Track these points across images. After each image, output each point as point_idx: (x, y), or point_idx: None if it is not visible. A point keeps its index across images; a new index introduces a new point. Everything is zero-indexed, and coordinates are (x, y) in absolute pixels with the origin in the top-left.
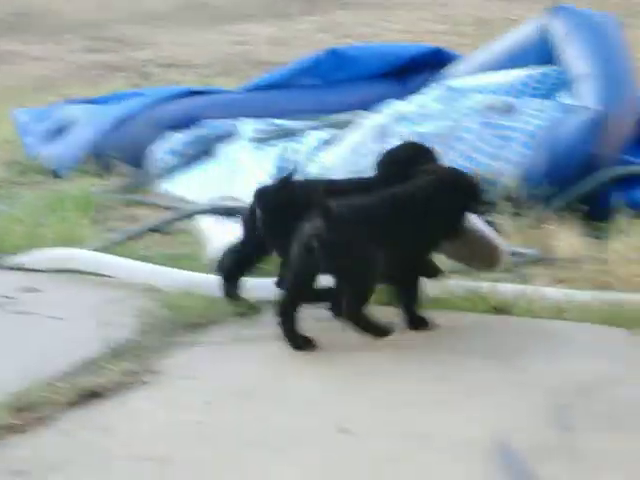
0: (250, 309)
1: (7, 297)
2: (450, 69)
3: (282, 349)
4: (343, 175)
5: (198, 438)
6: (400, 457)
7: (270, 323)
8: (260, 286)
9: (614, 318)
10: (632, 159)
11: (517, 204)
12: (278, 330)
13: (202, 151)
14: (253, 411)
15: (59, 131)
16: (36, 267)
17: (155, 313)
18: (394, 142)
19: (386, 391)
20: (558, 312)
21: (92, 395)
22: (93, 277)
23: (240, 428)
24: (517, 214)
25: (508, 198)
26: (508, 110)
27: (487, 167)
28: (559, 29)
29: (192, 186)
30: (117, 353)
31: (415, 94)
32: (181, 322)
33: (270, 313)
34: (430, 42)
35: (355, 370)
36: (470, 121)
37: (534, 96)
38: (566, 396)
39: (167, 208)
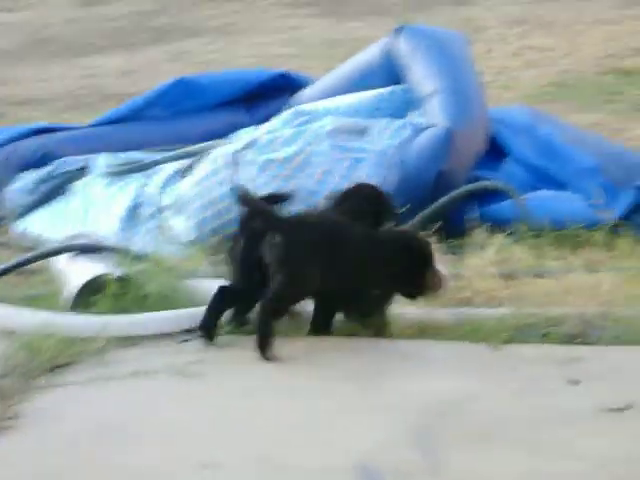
0: (104, 347)
1: None
2: (299, 93)
3: (141, 386)
4: (200, 205)
5: None
6: None
7: (125, 361)
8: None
9: (474, 334)
10: (484, 174)
11: None
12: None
13: (55, 188)
14: (119, 450)
15: None
16: None
17: (14, 356)
18: (247, 169)
19: (247, 422)
20: (419, 331)
21: None
22: None
23: (107, 467)
24: None
25: None
26: (358, 131)
27: (339, 189)
28: (405, 48)
29: (47, 224)
30: None
31: (266, 120)
32: (41, 364)
33: (122, 350)
34: (280, 66)
35: (222, 401)
36: (320, 144)
37: (383, 116)
38: (429, 415)
39: (22, 248)
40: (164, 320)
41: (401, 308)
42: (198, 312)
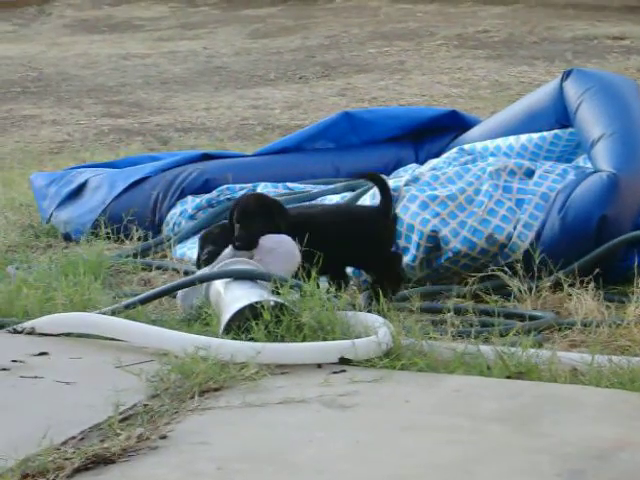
0: (256, 374)
1: (16, 361)
2: (467, 132)
3: (291, 414)
4: None
5: None
6: None
7: (276, 389)
8: None
9: (632, 383)
10: None
11: (531, 267)
12: None
13: (217, 215)
14: (265, 476)
15: (74, 195)
16: (47, 331)
17: (166, 377)
18: (408, 205)
19: (398, 460)
20: (573, 376)
21: (101, 461)
22: (104, 341)
23: None
24: (532, 277)
25: (522, 261)
26: (521, 173)
27: (501, 230)
28: (573, 91)
29: None
30: (127, 418)
31: (431, 157)
32: (192, 387)
33: (272, 377)
34: (447, 105)
35: (372, 436)
36: (484, 184)
37: (548, 159)
38: (580, 461)
39: (180, 272)
40: (318, 350)
41: (557, 352)
42: (355, 344)
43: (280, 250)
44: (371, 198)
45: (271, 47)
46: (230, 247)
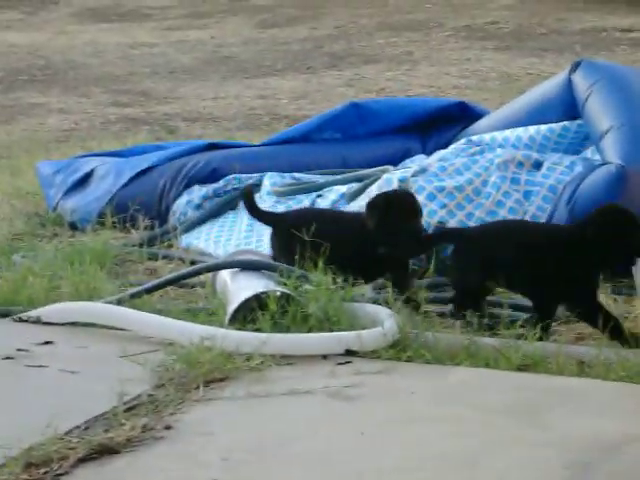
0: (261, 365)
1: (22, 350)
2: (475, 124)
3: (296, 406)
4: None
5: None
6: None
7: (281, 379)
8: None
9: (638, 375)
10: None
11: None
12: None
13: (223, 204)
14: (269, 469)
15: (81, 183)
16: (52, 320)
17: (171, 367)
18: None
19: (401, 451)
20: (580, 369)
21: (105, 450)
22: (109, 330)
23: None
24: None
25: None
26: (529, 165)
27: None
28: (582, 82)
29: (212, 240)
30: (132, 408)
31: (439, 149)
32: (197, 377)
33: (277, 368)
34: (455, 97)
35: (376, 427)
36: (492, 175)
37: (556, 150)
38: (588, 455)
39: (187, 262)
40: (324, 341)
41: (564, 344)
42: (360, 335)
43: None
44: (377, 189)
45: (279, 37)
46: None
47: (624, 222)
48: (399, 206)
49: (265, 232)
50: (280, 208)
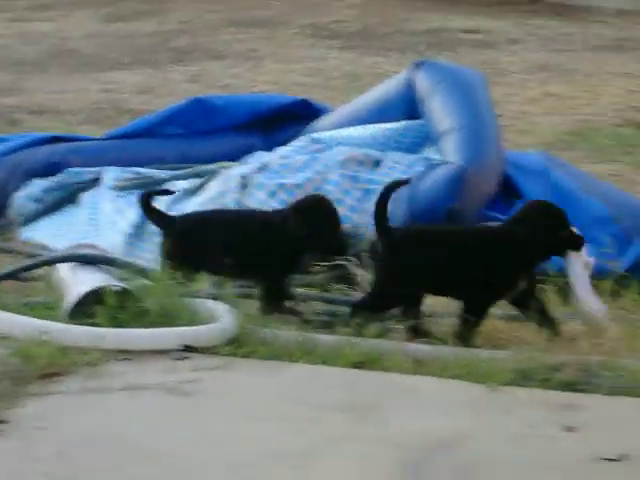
0: (98, 360)
1: None
2: (317, 121)
3: (131, 401)
4: None
5: None
6: None
7: (118, 374)
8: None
9: (473, 374)
10: (497, 215)
11: None
12: None
13: (64, 198)
14: (104, 463)
15: None
16: None
17: (6, 361)
18: (256, 193)
19: (232, 447)
20: (416, 366)
21: None
22: None
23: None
24: None
25: (369, 251)
26: (370, 163)
27: (349, 220)
28: (424, 83)
29: (53, 233)
30: None
31: (281, 146)
32: (33, 371)
33: (115, 363)
34: (299, 95)
35: (210, 424)
36: (333, 173)
37: (397, 149)
38: (419, 452)
39: (26, 255)
40: (162, 336)
41: (401, 342)
42: (198, 331)
43: None
44: (217, 185)
45: (125, 31)
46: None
47: (553, 216)
48: (329, 212)
49: (105, 228)
50: (121, 203)
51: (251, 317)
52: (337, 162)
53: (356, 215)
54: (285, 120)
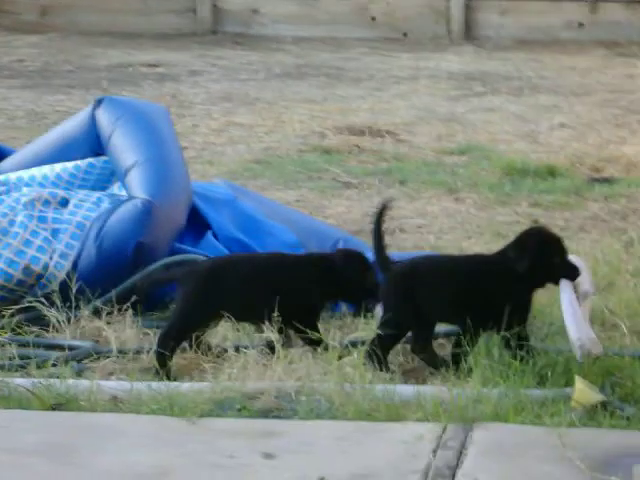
0: None
1: None
2: (1, 163)
3: None
4: None
5: None
6: None
7: None
8: None
9: (171, 407)
10: (187, 247)
11: (69, 297)
12: None
13: None
14: None
15: None
16: None
17: None
18: None
19: None
20: (114, 404)
21: None
22: None
23: None
24: (70, 307)
25: (60, 291)
26: (56, 202)
27: (37, 261)
28: (105, 119)
29: None
30: None
31: None
32: None
33: None
34: None
35: None
36: (18, 215)
37: (83, 187)
38: None
39: None
40: None
41: (97, 381)
42: None
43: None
44: None
45: None
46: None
47: (547, 241)
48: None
49: None
50: None
51: None
52: (23, 203)
53: (45, 256)
54: None
